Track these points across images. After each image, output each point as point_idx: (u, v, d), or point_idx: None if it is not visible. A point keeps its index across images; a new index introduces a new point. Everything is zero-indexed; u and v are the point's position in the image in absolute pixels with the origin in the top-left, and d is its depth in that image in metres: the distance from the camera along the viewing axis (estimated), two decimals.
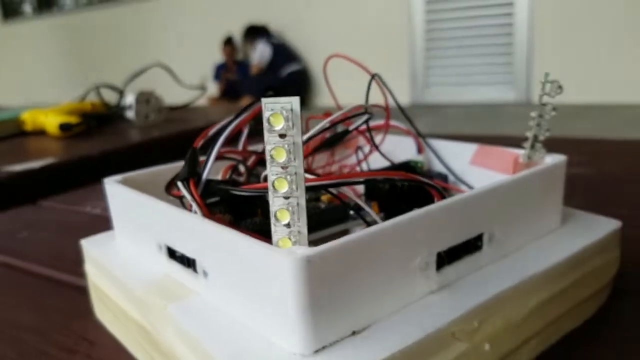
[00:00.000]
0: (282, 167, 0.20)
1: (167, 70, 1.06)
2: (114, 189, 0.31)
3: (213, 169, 0.27)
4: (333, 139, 0.32)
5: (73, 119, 0.88)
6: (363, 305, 0.21)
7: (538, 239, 0.29)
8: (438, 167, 0.36)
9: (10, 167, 0.67)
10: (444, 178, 0.36)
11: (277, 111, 0.19)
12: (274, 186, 0.20)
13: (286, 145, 0.19)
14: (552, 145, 0.31)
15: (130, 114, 0.94)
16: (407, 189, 0.33)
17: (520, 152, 0.31)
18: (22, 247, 0.49)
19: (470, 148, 0.34)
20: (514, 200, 0.27)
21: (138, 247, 0.30)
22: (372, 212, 0.24)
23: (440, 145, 0.36)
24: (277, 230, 0.20)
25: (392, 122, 0.38)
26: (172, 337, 0.24)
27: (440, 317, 0.22)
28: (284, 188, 0.20)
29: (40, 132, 0.92)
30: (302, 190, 0.20)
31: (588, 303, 0.29)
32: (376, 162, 0.38)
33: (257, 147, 0.35)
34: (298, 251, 0.19)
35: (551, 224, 0.30)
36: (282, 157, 0.19)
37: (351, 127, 0.31)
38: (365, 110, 0.29)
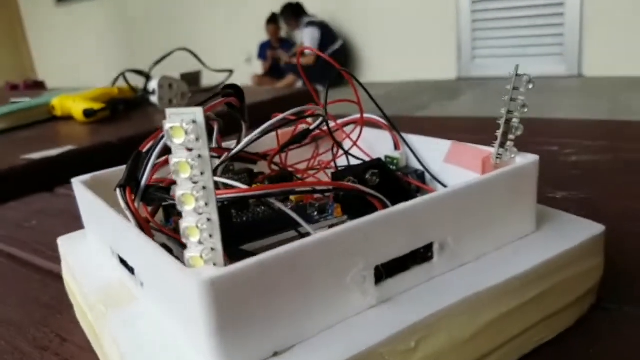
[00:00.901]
0: (190, 182, 0.19)
1: (192, 54, 1.06)
2: (78, 189, 0.31)
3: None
4: (295, 139, 0.31)
5: (96, 105, 0.89)
6: (286, 324, 0.20)
7: (505, 246, 0.27)
8: (416, 164, 0.34)
9: (28, 156, 0.69)
10: (420, 176, 0.34)
11: (178, 124, 0.18)
12: (181, 202, 0.19)
13: (190, 159, 0.18)
14: (567, 127, 0.29)
15: (153, 99, 0.95)
16: (377, 185, 0.32)
17: (492, 151, 0.29)
18: (26, 236, 0.50)
19: (447, 145, 0.32)
20: (473, 205, 0.25)
21: (99, 249, 0.30)
22: (303, 222, 0.23)
23: (417, 141, 0.34)
24: (189, 248, 0.19)
25: (370, 116, 0.36)
26: (109, 342, 0.24)
27: (372, 336, 0.21)
28: (191, 204, 0.19)
29: (69, 118, 0.94)
30: (213, 205, 0.19)
31: (563, 314, 0.27)
32: (356, 155, 0.37)
33: (231, 144, 0.34)
34: (204, 272, 0.18)
35: (522, 229, 0.28)
36: (187, 172, 0.19)
37: (312, 127, 0.30)
38: (323, 115, 0.28)
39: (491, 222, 0.26)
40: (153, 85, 0.94)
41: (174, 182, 0.22)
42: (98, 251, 0.30)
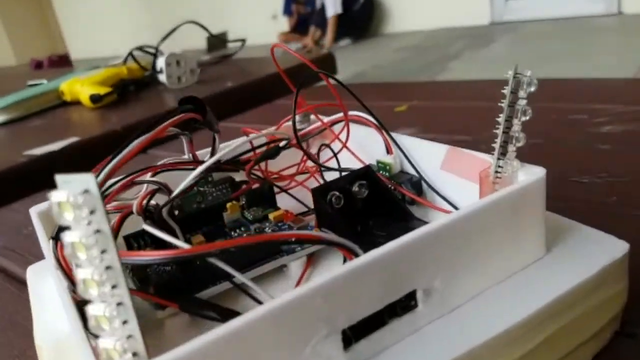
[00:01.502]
0: (90, 264, 0.15)
1: (200, 25, 1.02)
2: (35, 220, 0.28)
3: None
4: (268, 155, 0.27)
5: (103, 90, 0.86)
6: None
7: (509, 278, 0.23)
8: (411, 167, 0.30)
9: (31, 151, 0.67)
10: (416, 183, 0.30)
11: (65, 198, 0.15)
12: (84, 288, 0.15)
13: (85, 238, 0.15)
14: (598, 88, 0.24)
15: (162, 78, 0.91)
16: (365, 198, 0.28)
17: (490, 162, 0.24)
18: (21, 245, 0.48)
19: (443, 149, 0.28)
20: (466, 240, 0.21)
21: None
22: (260, 291, 0.19)
23: (410, 144, 0.30)
24: (102, 339, 0.16)
25: (356, 114, 0.32)
26: None
27: None
28: (95, 290, 0.15)
29: (78, 102, 0.92)
30: (123, 286, 0.16)
31: (579, 351, 0.23)
32: (345, 159, 0.33)
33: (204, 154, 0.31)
34: None
35: (529, 256, 0.24)
36: (84, 253, 0.15)
37: (282, 144, 0.26)
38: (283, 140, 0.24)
39: (489, 255, 0.22)
40: (160, 63, 0.91)
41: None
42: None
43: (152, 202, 0.27)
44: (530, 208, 0.23)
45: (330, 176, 0.31)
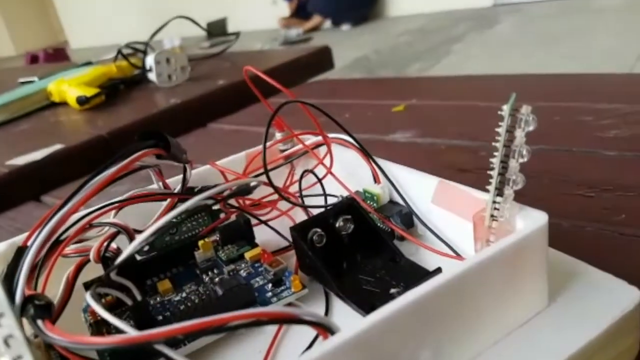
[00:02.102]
0: None
1: (190, 20, 0.98)
2: None
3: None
4: (238, 192, 0.25)
5: (90, 91, 0.83)
6: None
7: (508, 335, 0.20)
8: (399, 198, 0.28)
9: (12, 161, 0.64)
10: (407, 216, 0.27)
11: None
12: None
13: None
14: (604, 85, 0.21)
15: (152, 76, 0.88)
16: (351, 233, 0.26)
17: (485, 200, 0.21)
18: None
19: (433, 182, 0.25)
20: (457, 302, 0.19)
21: None
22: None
23: (399, 173, 0.27)
24: None
25: (340, 138, 0.29)
26: None
27: None
28: None
29: (66, 103, 0.90)
30: None
31: None
32: (331, 185, 0.30)
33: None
34: None
35: (530, 309, 0.21)
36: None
37: (252, 184, 0.23)
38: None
39: (485, 314, 0.20)
40: (149, 61, 0.88)
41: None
42: None
43: (114, 245, 0.25)
44: (531, 258, 0.20)
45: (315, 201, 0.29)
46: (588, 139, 0.46)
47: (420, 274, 0.24)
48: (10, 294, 0.19)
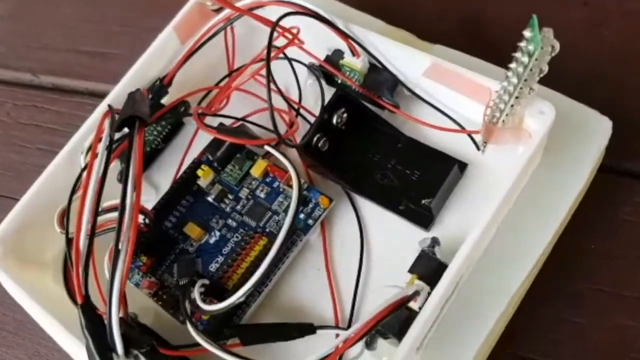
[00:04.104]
0: None
1: None
2: None
3: None
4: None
5: None
6: None
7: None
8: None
9: None
10: (392, 87, 0.27)
11: None
12: None
13: None
14: None
15: None
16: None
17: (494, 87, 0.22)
18: None
19: (426, 61, 0.25)
20: None
21: None
22: None
23: (380, 44, 0.26)
24: None
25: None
26: None
27: None
28: None
29: None
30: None
31: None
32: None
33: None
34: None
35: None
36: None
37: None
38: None
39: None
40: None
41: None
42: None
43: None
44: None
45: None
46: None
47: (428, 153, 0.26)
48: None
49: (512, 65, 0.20)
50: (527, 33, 0.19)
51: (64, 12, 0.43)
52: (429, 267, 0.22)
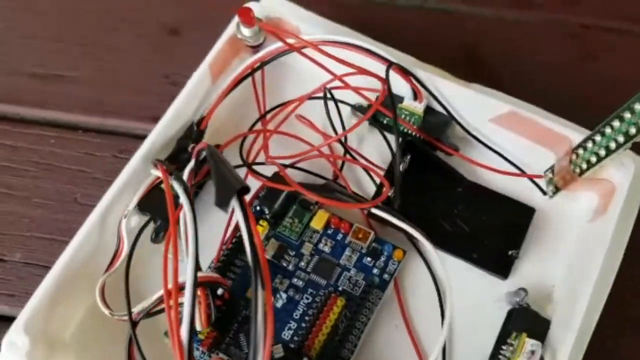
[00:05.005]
0: None
1: None
2: None
3: None
4: None
5: None
6: None
7: None
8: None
9: None
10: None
11: None
12: None
13: None
14: None
15: None
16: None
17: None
18: None
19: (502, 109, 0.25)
20: None
21: None
22: None
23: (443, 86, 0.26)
24: None
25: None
26: None
27: None
28: None
29: None
30: None
31: None
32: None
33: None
34: None
35: None
36: None
37: None
38: None
39: None
40: None
41: None
42: None
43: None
44: None
45: None
46: None
47: (492, 198, 0.26)
48: None
49: (616, 123, 0.21)
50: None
51: (9, 28, 0.37)
52: (531, 322, 0.22)
